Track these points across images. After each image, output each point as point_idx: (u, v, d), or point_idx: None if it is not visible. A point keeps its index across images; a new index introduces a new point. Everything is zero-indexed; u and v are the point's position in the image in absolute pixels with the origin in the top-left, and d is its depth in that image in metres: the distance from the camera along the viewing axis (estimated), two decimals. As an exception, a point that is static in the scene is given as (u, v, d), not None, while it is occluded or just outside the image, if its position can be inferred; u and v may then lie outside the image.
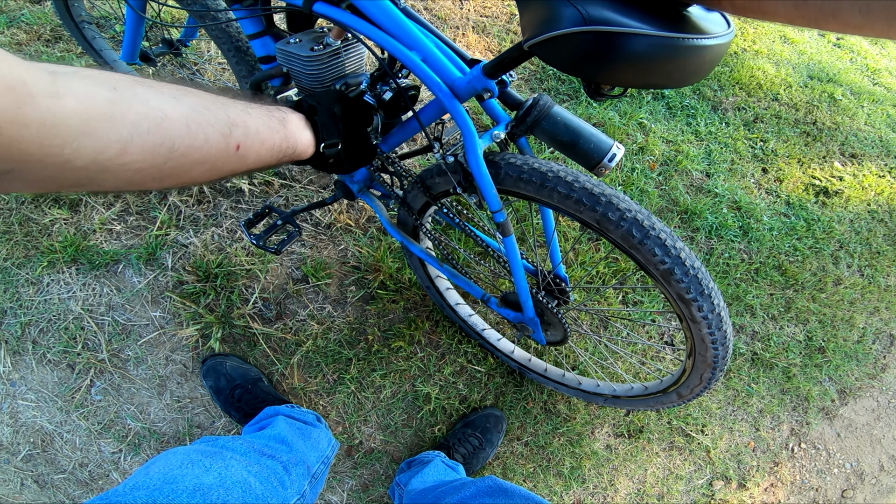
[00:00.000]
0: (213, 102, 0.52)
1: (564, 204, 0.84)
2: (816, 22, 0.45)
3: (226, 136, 0.51)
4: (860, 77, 2.71)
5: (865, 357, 1.85)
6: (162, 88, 0.46)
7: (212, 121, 0.50)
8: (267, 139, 0.60)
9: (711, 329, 0.89)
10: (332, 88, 0.89)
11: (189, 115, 0.47)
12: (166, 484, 0.69)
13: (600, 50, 0.56)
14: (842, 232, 2.03)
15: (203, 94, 0.52)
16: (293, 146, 0.68)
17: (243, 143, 0.54)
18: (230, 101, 0.56)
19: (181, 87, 0.49)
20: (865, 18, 0.41)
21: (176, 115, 0.45)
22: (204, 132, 0.48)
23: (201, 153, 0.49)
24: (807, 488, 1.66)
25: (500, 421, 1.46)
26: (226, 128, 0.52)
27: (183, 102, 0.47)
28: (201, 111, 0.49)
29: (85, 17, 1.44)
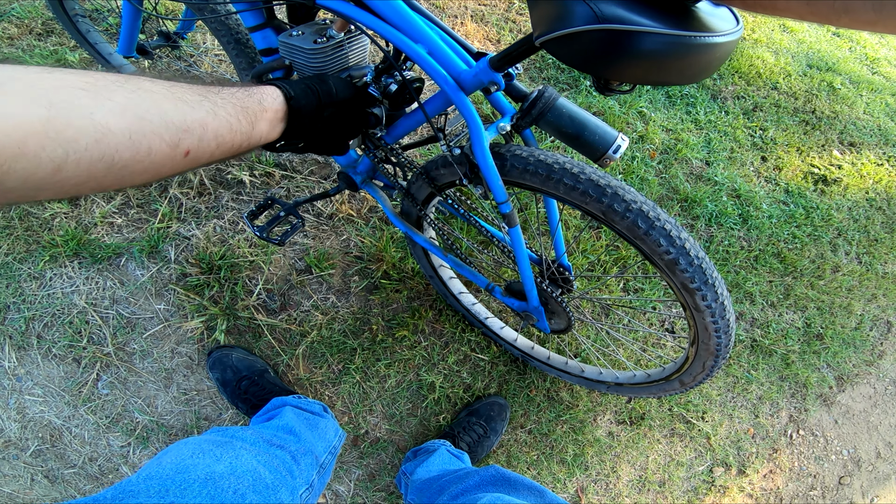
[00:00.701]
0: (172, 105, 0.48)
1: (570, 195, 0.85)
2: (828, 18, 0.45)
3: (174, 145, 0.48)
4: (859, 66, 2.71)
5: (863, 344, 1.87)
6: (112, 95, 0.43)
7: (160, 130, 0.46)
8: (226, 140, 0.56)
9: (715, 318, 0.90)
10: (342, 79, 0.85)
11: (134, 127, 0.44)
12: (178, 473, 0.70)
13: (612, 48, 0.56)
14: (840, 220, 2.04)
15: (165, 93, 0.49)
16: (258, 140, 0.65)
17: (195, 148, 0.51)
18: (197, 99, 0.52)
19: (138, 90, 0.46)
20: (878, 15, 0.41)
21: (120, 127, 0.42)
22: (149, 143, 0.45)
23: (143, 164, 0.46)
24: (805, 475, 1.68)
25: (504, 409, 1.48)
26: (176, 135, 0.48)
27: (131, 112, 0.44)
28: (151, 119, 0.45)
29: (78, 10, 1.43)
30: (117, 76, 0.45)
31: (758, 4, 0.51)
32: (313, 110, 0.74)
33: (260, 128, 0.63)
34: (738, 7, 0.58)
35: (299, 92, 0.71)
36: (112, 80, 0.44)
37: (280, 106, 0.68)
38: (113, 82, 0.44)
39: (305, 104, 0.72)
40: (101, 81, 0.43)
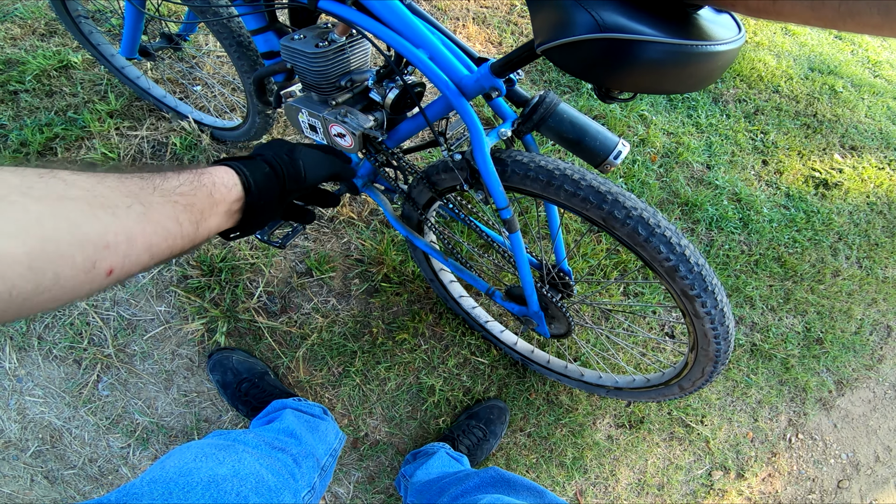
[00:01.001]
0: (90, 215, 0.39)
1: (571, 202, 0.85)
2: (833, 23, 0.45)
3: (88, 268, 0.39)
4: (861, 69, 2.71)
5: (863, 348, 1.87)
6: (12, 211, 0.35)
7: (71, 251, 0.38)
8: (161, 249, 0.47)
9: (714, 324, 0.91)
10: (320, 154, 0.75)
11: (36, 252, 0.35)
12: (182, 476, 0.71)
13: (614, 57, 0.56)
14: (841, 224, 2.04)
15: (83, 199, 0.40)
16: (205, 236, 0.55)
17: (119, 266, 0.42)
18: (124, 202, 0.43)
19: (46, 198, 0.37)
20: (885, 18, 0.41)
21: (18, 253, 0.34)
22: (55, 271, 0.37)
23: (50, 294, 0.37)
24: (804, 478, 1.68)
25: (504, 412, 1.48)
26: (92, 255, 0.39)
27: (33, 234, 0.35)
28: (59, 239, 0.37)
29: (81, 11, 1.43)
30: (23, 177, 0.37)
31: (762, 10, 0.51)
32: (274, 201, 0.64)
33: (208, 224, 0.54)
34: (741, 13, 0.58)
35: (259, 178, 0.61)
36: (14, 187, 0.36)
37: (236, 196, 0.58)
38: (15, 189, 0.36)
39: (265, 195, 0.62)
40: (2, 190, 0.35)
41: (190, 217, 0.50)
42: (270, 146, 0.69)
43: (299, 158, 0.69)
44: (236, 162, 0.61)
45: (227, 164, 0.60)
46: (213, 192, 0.54)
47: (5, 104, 1.62)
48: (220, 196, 0.55)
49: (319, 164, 0.72)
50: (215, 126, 1.60)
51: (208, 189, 0.54)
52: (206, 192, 0.53)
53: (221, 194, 0.56)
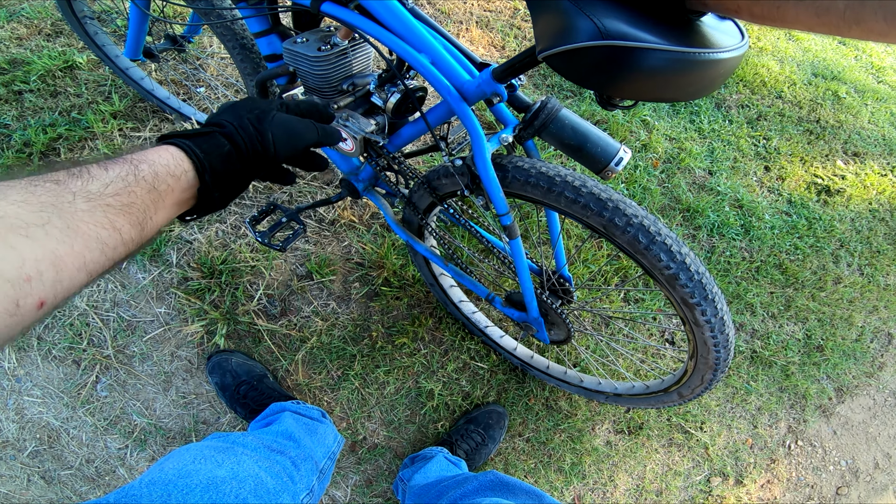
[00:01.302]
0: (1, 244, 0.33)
1: (571, 208, 0.85)
2: (839, 29, 0.44)
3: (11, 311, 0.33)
4: (865, 75, 2.71)
5: (863, 356, 1.86)
6: None
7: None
8: (100, 264, 0.40)
9: (714, 332, 0.90)
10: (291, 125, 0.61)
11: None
12: (181, 478, 0.71)
13: (616, 64, 0.56)
14: (843, 231, 2.04)
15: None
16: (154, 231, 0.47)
17: (51, 295, 0.35)
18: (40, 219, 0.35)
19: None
20: (890, 25, 0.41)
21: None
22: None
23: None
24: (802, 485, 1.68)
25: (503, 417, 1.47)
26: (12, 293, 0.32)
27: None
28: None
29: (87, 11, 1.43)
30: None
31: (765, 17, 0.51)
32: (236, 182, 0.55)
33: (156, 220, 0.46)
34: (744, 20, 0.57)
35: (216, 160, 0.52)
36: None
37: (187, 184, 0.50)
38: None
39: (224, 179, 0.53)
40: None
41: (130, 219, 0.42)
42: (234, 110, 0.58)
43: (268, 130, 0.57)
44: (186, 140, 0.51)
45: (175, 143, 0.51)
46: (157, 185, 0.46)
47: (10, 104, 1.62)
48: (166, 187, 0.47)
49: (294, 134, 0.60)
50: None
51: (149, 182, 0.45)
52: (147, 187, 0.45)
53: (167, 185, 0.47)
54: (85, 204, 0.39)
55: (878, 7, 0.41)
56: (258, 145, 0.56)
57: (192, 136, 0.52)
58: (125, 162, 0.45)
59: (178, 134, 0.52)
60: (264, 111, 0.58)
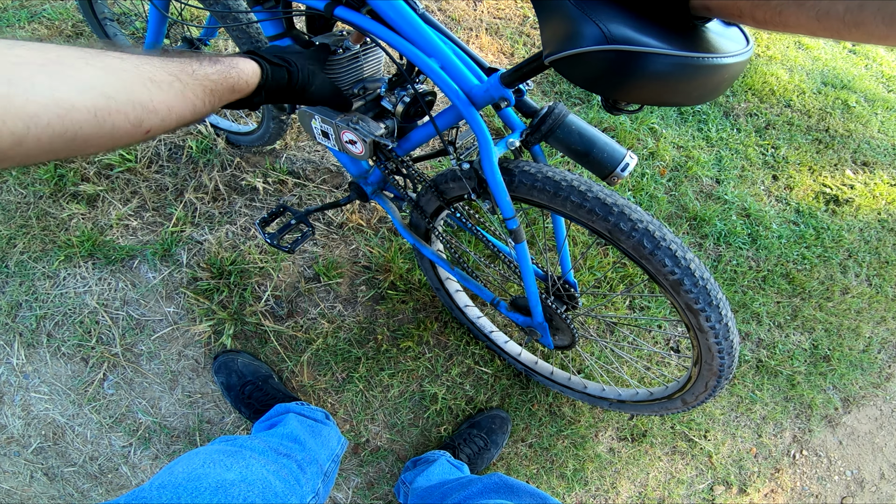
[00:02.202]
0: (141, 86, 0.48)
1: (577, 213, 0.85)
2: (839, 33, 0.45)
3: (137, 124, 0.48)
4: (875, 84, 2.70)
5: (870, 366, 1.85)
6: (77, 73, 0.42)
7: (126, 109, 0.46)
8: (186, 119, 0.56)
9: (718, 339, 0.90)
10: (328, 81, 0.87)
11: (100, 105, 0.43)
12: (190, 481, 0.72)
13: (621, 69, 0.57)
14: (851, 241, 2.03)
15: (134, 72, 0.48)
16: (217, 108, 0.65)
17: (156, 127, 0.51)
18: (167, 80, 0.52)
19: (106, 68, 0.45)
20: (889, 28, 0.42)
21: (84, 105, 0.42)
22: (113, 122, 0.45)
23: (105, 140, 0.46)
24: (807, 495, 1.66)
25: (506, 422, 1.47)
26: (141, 115, 0.48)
27: (97, 90, 0.43)
28: (118, 98, 0.45)
29: (107, 13, 1.46)
30: (84, 52, 0.45)
31: (768, 22, 0.52)
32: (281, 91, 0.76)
33: (224, 100, 0.64)
34: (748, 26, 0.58)
35: (273, 85, 0.73)
36: (78, 57, 0.44)
37: (251, 90, 0.69)
38: (79, 58, 0.43)
39: (271, 96, 0.74)
40: (66, 58, 0.43)
41: (211, 99, 0.60)
42: (302, 59, 0.80)
43: (312, 84, 0.81)
44: (268, 64, 0.72)
45: (259, 61, 0.70)
46: (235, 86, 0.64)
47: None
48: (239, 89, 0.65)
49: (324, 93, 0.85)
50: (230, 130, 1.62)
51: (233, 82, 0.63)
52: (230, 85, 0.63)
53: (241, 88, 0.66)
54: (194, 81, 0.56)
55: (877, 10, 0.41)
56: (303, 89, 0.80)
57: (273, 64, 0.73)
58: (224, 63, 0.63)
59: (266, 56, 0.73)
60: (315, 71, 0.82)
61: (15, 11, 1.83)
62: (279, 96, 0.77)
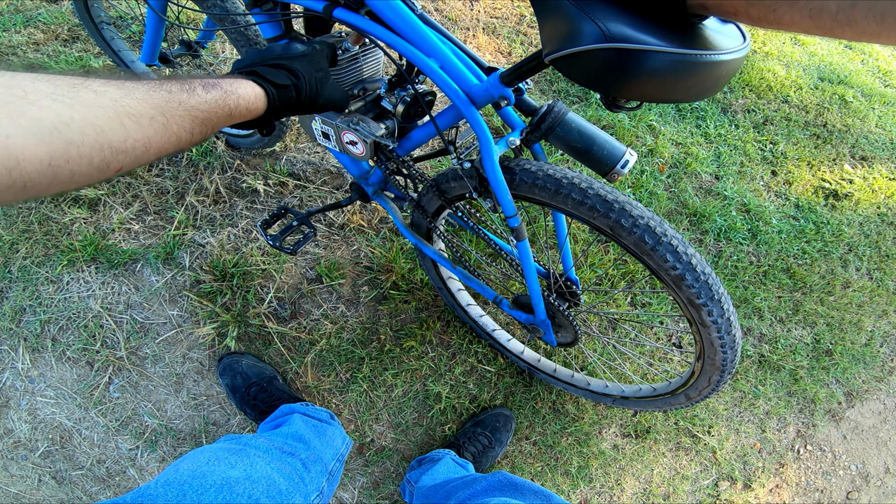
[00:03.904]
0: (115, 124, 0.43)
1: (578, 210, 0.86)
2: (832, 31, 0.46)
3: (102, 168, 0.43)
4: (871, 79, 2.70)
5: (873, 360, 1.85)
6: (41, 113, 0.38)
7: (92, 154, 0.41)
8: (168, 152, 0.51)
9: (721, 333, 0.91)
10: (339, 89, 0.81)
11: (57, 153, 0.38)
12: (195, 479, 0.72)
13: (620, 66, 0.57)
14: (851, 235, 2.03)
15: (110, 108, 0.43)
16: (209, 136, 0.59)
17: (128, 165, 0.46)
18: (149, 114, 0.47)
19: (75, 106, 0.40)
20: (880, 26, 0.42)
21: (38, 155, 0.37)
22: (72, 169, 0.40)
23: (63, 185, 0.41)
24: (812, 490, 1.67)
25: (510, 420, 1.48)
26: (109, 158, 0.43)
27: (58, 136, 0.38)
28: (82, 143, 0.40)
29: (104, 17, 1.46)
30: (58, 84, 0.40)
31: (762, 19, 0.53)
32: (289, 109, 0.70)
33: (220, 126, 0.59)
34: (744, 23, 0.59)
35: (280, 105, 0.67)
36: (48, 93, 0.39)
37: (254, 115, 0.64)
38: (49, 94, 0.39)
39: (282, 107, 0.68)
40: (33, 94, 0.38)
41: (203, 129, 0.55)
42: (308, 65, 0.72)
43: (322, 94, 0.74)
44: (273, 88, 0.66)
45: (261, 84, 0.64)
46: (233, 113, 0.59)
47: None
48: (238, 114, 0.60)
49: (336, 99, 0.79)
50: (230, 133, 1.63)
51: (229, 109, 0.58)
52: (228, 112, 0.58)
53: (240, 114, 0.60)
54: (182, 112, 0.51)
55: (868, 9, 0.42)
56: (312, 101, 0.73)
57: (277, 86, 0.67)
58: (221, 89, 0.57)
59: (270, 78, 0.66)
60: (325, 77, 0.76)
61: (10, 16, 1.84)
62: (287, 114, 0.72)
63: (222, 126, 0.59)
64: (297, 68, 0.70)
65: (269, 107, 0.65)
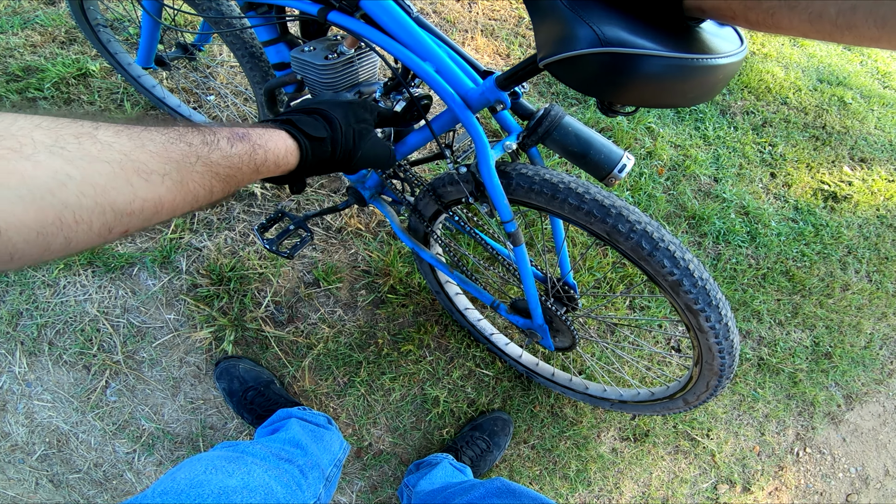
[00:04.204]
0: (122, 182, 0.37)
1: (575, 215, 0.85)
2: (832, 35, 0.45)
3: (103, 234, 0.37)
4: (870, 80, 2.70)
5: (872, 363, 1.85)
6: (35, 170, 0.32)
7: (92, 218, 0.35)
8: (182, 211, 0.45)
9: (719, 339, 0.90)
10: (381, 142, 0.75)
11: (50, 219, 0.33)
12: (192, 488, 0.72)
13: (616, 71, 0.57)
14: (850, 237, 2.03)
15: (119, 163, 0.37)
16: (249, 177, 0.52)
17: (134, 227, 0.40)
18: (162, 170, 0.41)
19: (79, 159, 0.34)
20: (881, 31, 0.42)
21: (26, 223, 0.31)
22: (66, 235, 0.34)
23: (56, 254, 0.35)
24: (811, 492, 1.66)
25: (508, 424, 1.47)
26: (111, 221, 0.37)
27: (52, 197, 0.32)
28: (82, 205, 0.34)
29: (100, 19, 1.46)
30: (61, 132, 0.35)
31: (761, 23, 0.52)
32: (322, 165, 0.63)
33: (244, 183, 0.52)
34: (741, 27, 0.58)
35: (315, 158, 0.61)
36: (49, 144, 0.33)
37: (284, 170, 0.57)
38: (50, 146, 0.33)
39: (315, 162, 0.61)
40: (28, 147, 0.32)
41: (224, 187, 0.48)
42: (346, 115, 0.66)
43: (361, 148, 0.68)
44: (307, 140, 0.59)
45: (296, 137, 0.58)
46: (260, 168, 0.52)
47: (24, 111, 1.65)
48: (266, 170, 0.54)
49: (376, 157, 0.72)
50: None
51: (257, 165, 0.51)
52: (254, 168, 0.51)
53: (267, 169, 0.54)
54: (201, 168, 0.45)
55: (869, 13, 0.41)
56: (348, 156, 0.66)
57: (312, 139, 0.60)
58: (248, 142, 0.50)
59: (305, 130, 0.60)
60: (366, 129, 0.69)
61: (8, 18, 1.83)
62: (320, 171, 0.64)
63: (248, 183, 0.52)
64: (334, 116, 0.64)
65: (300, 163, 0.59)
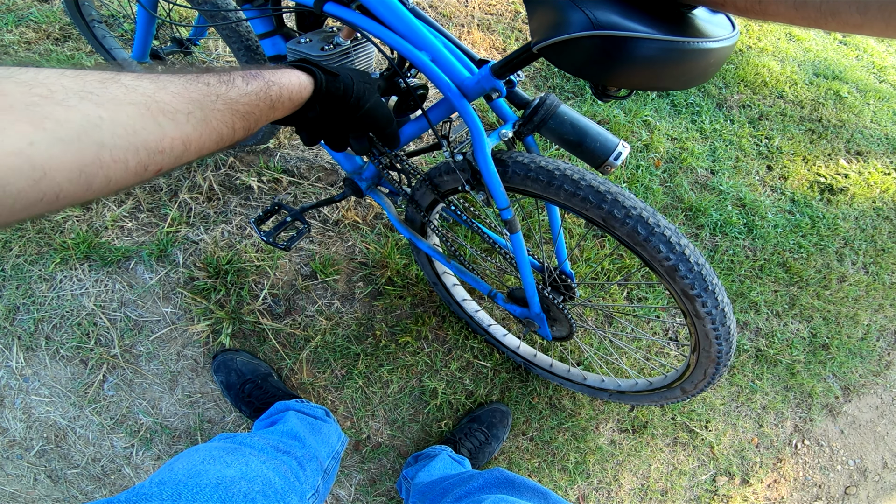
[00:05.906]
0: (149, 122, 0.39)
1: (571, 202, 0.85)
2: (816, 22, 0.46)
3: (139, 171, 0.39)
4: (866, 74, 2.71)
5: (870, 354, 1.85)
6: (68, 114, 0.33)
7: (126, 156, 0.37)
8: (209, 150, 0.48)
9: (715, 325, 0.91)
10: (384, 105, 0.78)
11: (88, 159, 0.34)
12: (190, 478, 0.72)
13: (608, 54, 0.57)
14: (847, 229, 2.03)
15: (144, 105, 0.39)
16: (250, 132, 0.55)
17: (168, 165, 0.42)
18: (186, 110, 0.43)
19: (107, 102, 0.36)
20: (863, 17, 0.43)
21: (66, 164, 0.33)
22: (106, 174, 0.36)
23: (97, 193, 0.37)
24: (810, 485, 1.67)
25: (506, 416, 1.48)
26: (146, 159, 0.39)
27: (88, 137, 0.34)
28: (115, 145, 0.36)
29: (95, 15, 1.46)
30: (86, 80, 0.36)
31: (749, 10, 0.53)
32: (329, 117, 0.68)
33: (263, 121, 0.55)
34: (731, 13, 0.59)
35: (330, 92, 0.65)
36: (76, 90, 0.35)
37: (300, 101, 0.61)
38: (77, 92, 0.35)
39: (326, 104, 0.65)
40: (59, 93, 0.34)
41: (245, 123, 0.51)
42: (356, 74, 0.72)
43: (367, 102, 0.72)
44: (320, 71, 0.63)
45: (308, 70, 0.62)
46: (275, 104, 0.55)
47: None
48: (281, 105, 0.57)
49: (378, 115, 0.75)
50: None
51: (273, 101, 0.55)
52: (270, 104, 0.54)
53: (283, 105, 0.57)
54: (222, 105, 0.47)
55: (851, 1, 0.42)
56: (357, 105, 0.70)
57: (325, 71, 0.65)
58: (262, 79, 0.54)
59: (315, 63, 0.65)
60: (371, 90, 0.74)
61: (2, 15, 1.83)
62: (334, 110, 0.68)
63: (266, 120, 0.56)
64: (345, 72, 0.69)
65: (314, 93, 0.62)
